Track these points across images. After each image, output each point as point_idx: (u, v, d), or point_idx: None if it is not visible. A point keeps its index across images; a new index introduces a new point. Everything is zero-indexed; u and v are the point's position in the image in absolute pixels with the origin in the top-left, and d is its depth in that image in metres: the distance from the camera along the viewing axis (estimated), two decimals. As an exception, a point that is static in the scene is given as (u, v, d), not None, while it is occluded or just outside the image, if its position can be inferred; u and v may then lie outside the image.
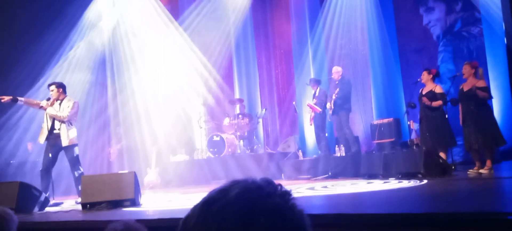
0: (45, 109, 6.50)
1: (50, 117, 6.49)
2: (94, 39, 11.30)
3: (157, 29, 11.29)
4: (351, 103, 8.76)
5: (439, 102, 6.84)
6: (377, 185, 6.01)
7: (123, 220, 1.48)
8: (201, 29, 11.50)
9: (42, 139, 6.50)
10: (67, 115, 6.47)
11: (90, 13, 11.14)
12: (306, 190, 6.23)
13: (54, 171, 6.72)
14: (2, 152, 9.91)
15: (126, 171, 7.30)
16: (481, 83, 6.53)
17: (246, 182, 0.86)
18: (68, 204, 6.44)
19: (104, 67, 11.45)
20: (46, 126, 6.49)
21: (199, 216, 0.83)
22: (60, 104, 6.59)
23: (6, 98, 6.42)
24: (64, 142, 6.43)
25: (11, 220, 1.90)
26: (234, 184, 0.85)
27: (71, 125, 6.53)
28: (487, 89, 6.63)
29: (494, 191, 4.93)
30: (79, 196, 6.11)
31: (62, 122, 6.46)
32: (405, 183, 5.85)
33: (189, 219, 0.84)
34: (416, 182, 5.86)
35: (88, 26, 11.16)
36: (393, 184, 6.02)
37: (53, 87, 6.66)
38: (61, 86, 6.71)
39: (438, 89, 7.04)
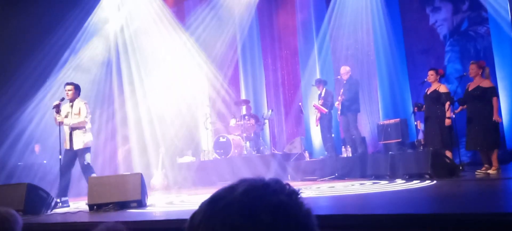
0: (61, 123, 6.53)
1: (71, 126, 6.55)
2: (100, 42, 11.36)
3: (163, 32, 11.32)
4: (359, 103, 8.74)
5: (448, 103, 6.79)
6: (384, 186, 5.99)
7: (106, 223, 1.48)
8: (207, 31, 11.51)
9: (67, 144, 6.57)
10: (85, 119, 6.57)
11: (96, 16, 11.20)
12: (312, 191, 6.21)
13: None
14: (9, 154, 9.98)
15: (132, 173, 7.32)
16: (486, 83, 6.48)
17: (254, 180, 0.86)
18: (75, 205, 6.47)
19: (110, 69, 11.50)
20: (68, 130, 6.57)
21: (206, 212, 0.83)
22: (72, 106, 6.62)
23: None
24: (77, 146, 6.51)
25: (16, 222, 1.89)
26: (242, 182, 0.86)
27: (85, 128, 6.59)
28: (493, 89, 6.58)
29: (502, 191, 4.90)
30: None
31: (78, 127, 6.53)
32: (412, 184, 5.82)
33: (196, 216, 0.85)
34: (424, 182, 5.82)
35: (94, 29, 11.21)
36: (400, 184, 5.99)
37: (70, 87, 6.67)
38: (78, 89, 6.76)
39: (443, 88, 7.00)
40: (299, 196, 0.86)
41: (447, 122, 6.77)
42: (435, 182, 5.79)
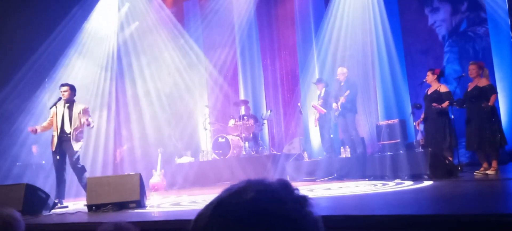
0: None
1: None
2: (100, 42, 11.35)
3: (162, 32, 11.33)
4: (357, 105, 8.75)
5: (447, 103, 6.80)
6: (383, 187, 5.99)
7: (114, 221, 1.47)
8: (205, 32, 11.52)
9: (53, 146, 6.63)
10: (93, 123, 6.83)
11: (96, 17, 11.19)
12: (311, 191, 6.21)
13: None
14: (7, 154, 9.96)
15: (131, 173, 7.31)
16: (483, 82, 6.50)
17: (261, 186, 0.84)
18: (74, 206, 6.47)
19: (109, 70, 11.49)
20: (56, 132, 6.58)
21: (211, 216, 0.82)
22: (68, 107, 6.66)
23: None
24: (77, 147, 6.63)
25: (18, 226, 1.87)
26: (249, 187, 0.84)
27: (83, 131, 6.71)
28: (492, 87, 6.60)
29: (501, 192, 4.90)
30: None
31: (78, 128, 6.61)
32: (411, 185, 5.83)
33: (201, 218, 0.84)
34: (422, 183, 5.83)
35: (94, 29, 11.20)
36: (399, 185, 5.99)
37: (66, 88, 6.75)
38: (73, 90, 6.84)
39: (443, 88, 7.01)
40: (307, 203, 0.85)
41: (442, 104, 6.77)
42: (433, 182, 5.79)
